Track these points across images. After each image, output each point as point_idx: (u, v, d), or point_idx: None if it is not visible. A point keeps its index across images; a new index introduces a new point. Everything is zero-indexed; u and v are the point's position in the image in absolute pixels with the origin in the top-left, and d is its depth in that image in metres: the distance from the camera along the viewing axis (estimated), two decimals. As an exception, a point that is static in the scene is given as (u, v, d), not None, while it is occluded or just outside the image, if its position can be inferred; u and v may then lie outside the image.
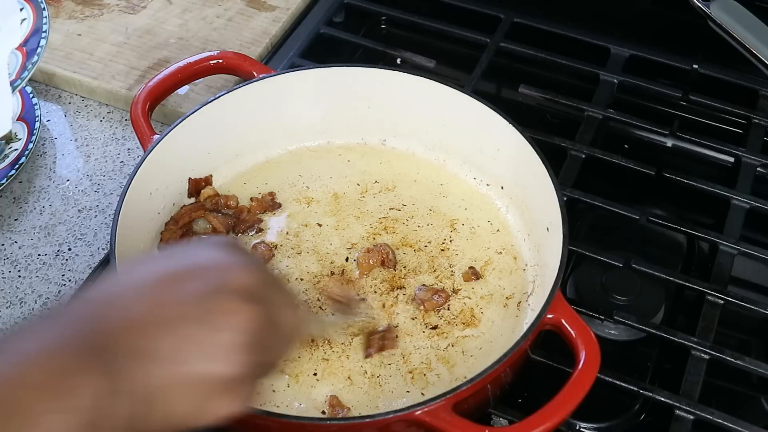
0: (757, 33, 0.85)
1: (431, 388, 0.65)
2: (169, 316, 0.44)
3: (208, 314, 0.44)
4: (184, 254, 0.48)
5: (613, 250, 0.75)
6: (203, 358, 0.43)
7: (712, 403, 0.66)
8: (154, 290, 0.45)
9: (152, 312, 0.44)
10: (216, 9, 1.00)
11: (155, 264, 0.48)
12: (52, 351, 0.40)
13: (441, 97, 0.77)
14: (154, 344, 0.43)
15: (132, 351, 0.42)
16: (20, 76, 0.78)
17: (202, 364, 0.43)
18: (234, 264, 0.47)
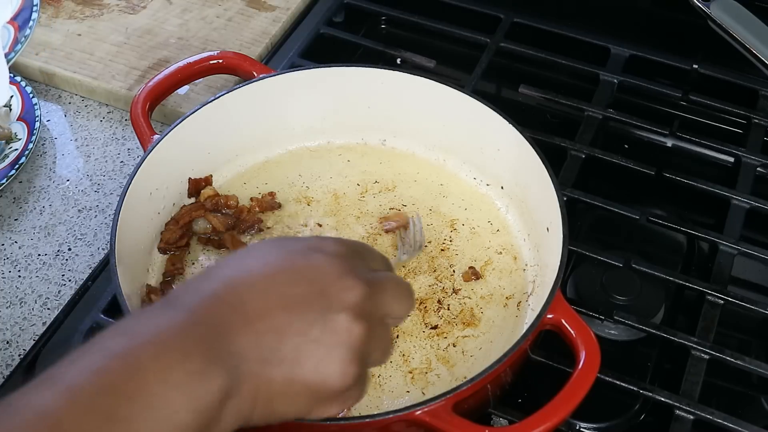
0: (757, 33, 0.85)
1: (431, 388, 0.65)
2: (287, 325, 0.46)
3: (324, 330, 0.46)
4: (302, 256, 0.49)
5: (613, 250, 0.75)
6: (317, 372, 0.46)
7: (712, 403, 0.66)
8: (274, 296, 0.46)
9: (273, 320, 0.45)
10: (216, 9, 1.00)
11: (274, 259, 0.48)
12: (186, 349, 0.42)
13: (441, 97, 0.77)
14: (274, 353, 0.45)
15: (254, 357, 0.44)
16: (14, 49, 0.78)
17: (316, 376, 0.46)
18: (348, 277, 0.48)
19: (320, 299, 0.47)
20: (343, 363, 0.47)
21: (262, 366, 0.45)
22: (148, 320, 0.44)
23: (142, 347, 0.42)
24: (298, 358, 0.45)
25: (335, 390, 0.47)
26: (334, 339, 0.46)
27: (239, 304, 0.45)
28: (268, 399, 0.45)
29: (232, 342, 0.44)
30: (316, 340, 0.46)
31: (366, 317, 0.48)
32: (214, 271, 0.48)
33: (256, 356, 0.44)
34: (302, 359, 0.46)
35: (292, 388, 0.46)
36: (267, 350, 0.45)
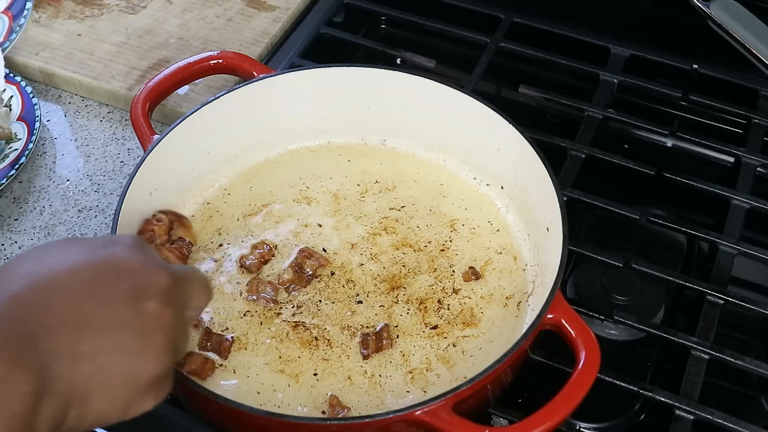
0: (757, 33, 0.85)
1: (431, 388, 0.65)
2: (101, 318, 0.44)
3: (138, 318, 0.45)
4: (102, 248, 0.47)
5: (613, 250, 0.75)
6: (135, 360, 0.45)
7: (712, 403, 0.66)
8: (81, 289, 0.45)
9: (83, 313, 0.44)
10: (216, 9, 1.00)
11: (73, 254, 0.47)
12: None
13: (441, 97, 0.77)
14: (88, 346, 0.44)
15: (67, 353, 0.43)
16: (8, 38, 0.78)
17: (135, 365, 0.45)
18: (152, 266, 0.48)
19: (129, 288, 0.46)
20: (158, 349, 0.46)
21: (75, 363, 0.43)
22: None
23: None
24: (112, 348, 0.44)
25: (151, 379, 0.46)
26: (147, 326, 0.46)
27: (44, 302, 0.44)
28: (84, 398, 0.44)
29: (40, 341, 0.42)
30: (130, 330, 0.45)
31: (172, 305, 0.47)
32: (9, 272, 0.45)
33: (67, 353, 0.43)
34: (117, 349, 0.45)
35: (109, 382, 0.44)
36: (80, 345, 0.43)
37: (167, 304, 0.47)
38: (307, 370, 0.66)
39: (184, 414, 0.64)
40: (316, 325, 0.68)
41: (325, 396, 0.64)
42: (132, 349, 0.45)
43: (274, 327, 0.68)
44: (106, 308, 0.45)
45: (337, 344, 0.67)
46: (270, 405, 0.64)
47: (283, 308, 0.69)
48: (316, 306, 0.70)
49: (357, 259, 0.73)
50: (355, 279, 0.72)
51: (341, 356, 0.67)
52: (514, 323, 0.69)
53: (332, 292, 0.71)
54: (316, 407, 0.64)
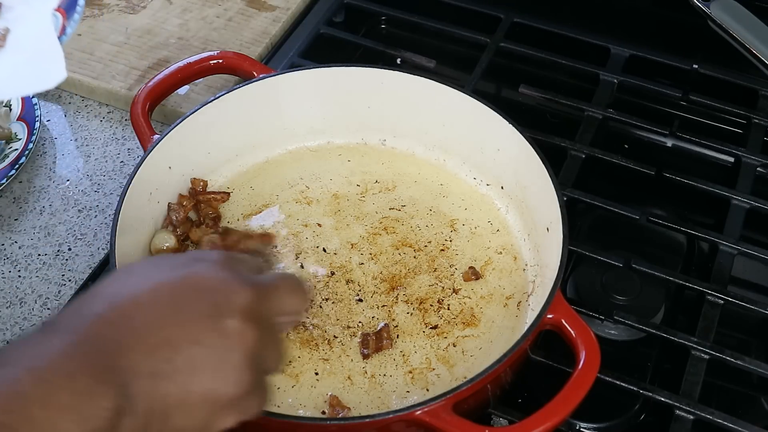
0: (757, 33, 0.85)
1: (431, 388, 0.65)
2: (179, 336, 0.44)
3: (216, 336, 0.45)
4: (184, 267, 0.48)
5: (613, 250, 0.75)
6: (213, 379, 0.45)
7: (712, 403, 0.66)
8: (162, 308, 0.45)
9: (163, 332, 0.44)
10: (216, 9, 1.00)
11: (156, 274, 0.47)
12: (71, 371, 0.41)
13: (441, 97, 0.77)
14: (167, 365, 0.44)
15: (145, 372, 0.43)
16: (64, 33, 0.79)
17: (213, 384, 0.45)
18: (233, 282, 0.47)
19: (208, 307, 0.46)
20: (237, 369, 0.46)
21: (154, 381, 0.43)
22: (28, 347, 0.42)
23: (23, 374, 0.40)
24: (191, 368, 0.44)
25: (231, 397, 0.46)
26: (226, 344, 0.45)
27: (125, 321, 0.44)
28: (164, 414, 0.44)
29: (120, 359, 0.43)
30: (209, 348, 0.45)
31: (256, 320, 0.47)
32: (96, 292, 0.46)
33: (147, 371, 0.43)
34: (196, 369, 0.45)
35: (187, 400, 0.45)
36: (158, 363, 0.44)
37: (249, 320, 0.46)
38: (307, 370, 0.66)
39: (184, 414, 0.64)
40: (316, 325, 0.68)
41: (325, 396, 0.64)
42: (210, 367, 0.45)
43: (274, 327, 0.68)
44: (185, 327, 0.45)
45: (337, 344, 0.67)
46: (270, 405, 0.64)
47: (283, 308, 0.69)
48: (316, 306, 0.70)
49: (357, 259, 0.73)
50: (355, 279, 0.72)
51: (341, 356, 0.67)
52: (514, 323, 0.69)
53: (332, 292, 0.71)
54: (316, 407, 0.64)
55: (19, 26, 0.77)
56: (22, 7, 0.79)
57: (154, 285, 0.46)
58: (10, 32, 0.78)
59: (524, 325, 0.68)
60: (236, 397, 0.46)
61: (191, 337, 0.45)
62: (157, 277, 0.47)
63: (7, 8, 0.81)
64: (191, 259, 0.49)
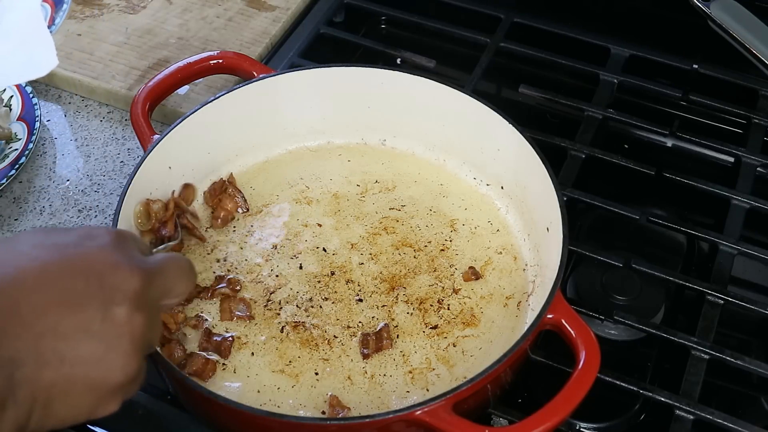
0: (757, 33, 0.85)
1: (431, 388, 0.65)
2: (66, 324, 0.43)
3: (105, 324, 0.44)
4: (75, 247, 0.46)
5: (613, 250, 0.75)
6: (100, 368, 0.44)
7: (712, 403, 0.66)
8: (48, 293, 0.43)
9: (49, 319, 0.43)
10: (216, 9, 1.00)
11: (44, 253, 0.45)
12: None
13: (441, 97, 0.77)
14: (53, 354, 0.43)
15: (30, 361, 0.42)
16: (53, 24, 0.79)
17: (100, 373, 0.44)
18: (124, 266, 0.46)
19: (97, 292, 0.45)
20: (125, 356, 0.45)
21: (39, 369, 0.42)
22: None
23: None
24: (78, 356, 0.43)
25: (117, 384, 0.45)
26: (114, 332, 0.45)
27: (10, 306, 0.42)
28: (47, 403, 0.43)
29: (2, 348, 0.41)
30: (97, 336, 0.44)
31: (144, 306, 0.46)
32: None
33: (33, 360, 0.42)
34: (83, 357, 0.44)
35: (72, 390, 0.44)
36: (45, 352, 0.42)
37: (137, 308, 0.46)
38: (307, 370, 0.66)
39: (184, 414, 0.64)
40: (316, 325, 0.68)
41: (325, 396, 0.64)
42: (96, 357, 0.44)
43: (274, 327, 0.68)
44: (73, 314, 0.44)
45: (337, 344, 0.67)
46: (270, 405, 0.64)
47: (282, 308, 0.69)
48: (316, 306, 0.70)
49: (357, 258, 0.73)
50: (355, 279, 0.72)
51: (341, 356, 0.67)
52: (514, 323, 0.69)
53: (332, 292, 0.71)
54: (316, 407, 0.64)
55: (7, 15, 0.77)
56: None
57: (42, 265, 0.44)
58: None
59: (524, 325, 0.68)
60: (122, 384, 0.46)
61: (78, 325, 0.43)
62: (44, 256, 0.45)
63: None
64: (81, 237, 0.47)
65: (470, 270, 0.72)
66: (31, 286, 0.43)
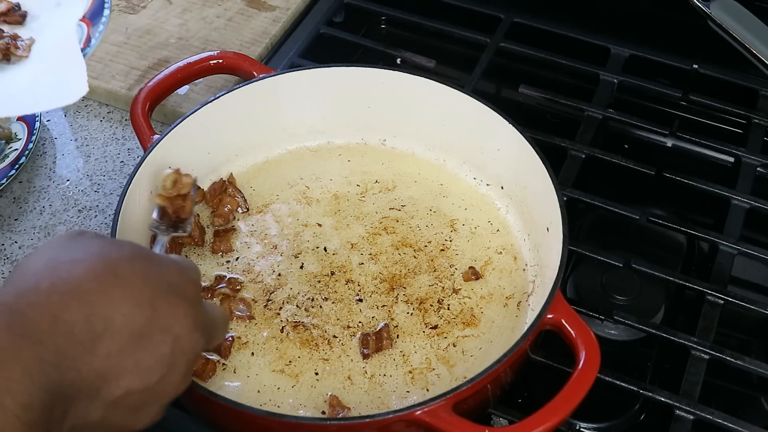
0: (757, 33, 0.85)
1: (431, 388, 0.65)
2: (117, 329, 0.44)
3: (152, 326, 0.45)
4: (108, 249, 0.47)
5: (613, 250, 0.75)
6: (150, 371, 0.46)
7: (712, 403, 0.66)
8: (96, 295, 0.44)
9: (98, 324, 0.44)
10: (216, 9, 1.00)
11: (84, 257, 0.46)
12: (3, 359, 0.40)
13: (441, 97, 0.77)
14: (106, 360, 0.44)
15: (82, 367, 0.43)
16: (88, 45, 0.79)
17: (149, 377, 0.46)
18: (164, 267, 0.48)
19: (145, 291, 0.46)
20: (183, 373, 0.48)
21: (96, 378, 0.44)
22: None
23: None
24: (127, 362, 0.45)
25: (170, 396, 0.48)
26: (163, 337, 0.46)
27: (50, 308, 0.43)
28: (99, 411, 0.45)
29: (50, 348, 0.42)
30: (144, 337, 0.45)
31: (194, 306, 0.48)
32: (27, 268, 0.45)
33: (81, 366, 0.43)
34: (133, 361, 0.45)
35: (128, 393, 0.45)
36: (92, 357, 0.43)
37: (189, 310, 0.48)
38: (307, 370, 0.66)
39: (184, 414, 0.64)
40: (316, 325, 0.68)
41: (325, 396, 0.64)
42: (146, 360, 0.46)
43: (274, 327, 0.68)
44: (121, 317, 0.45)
45: (337, 344, 0.67)
46: (270, 405, 0.64)
47: (282, 308, 0.69)
48: (316, 306, 0.70)
49: (357, 258, 0.73)
50: (355, 279, 0.72)
51: (341, 356, 0.67)
52: (514, 323, 0.69)
53: (332, 292, 0.71)
54: (316, 407, 0.64)
55: (43, 36, 0.77)
56: (47, 15, 0.79)
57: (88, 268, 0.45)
58: (35, 42, 0.78)
59: (524, 325, 0.68)
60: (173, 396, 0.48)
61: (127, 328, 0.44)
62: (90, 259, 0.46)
63: (32, 17, 0.81)
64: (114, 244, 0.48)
65: (470, 270, 0.72)
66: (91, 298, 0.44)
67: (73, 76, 0.74)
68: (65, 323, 0.43)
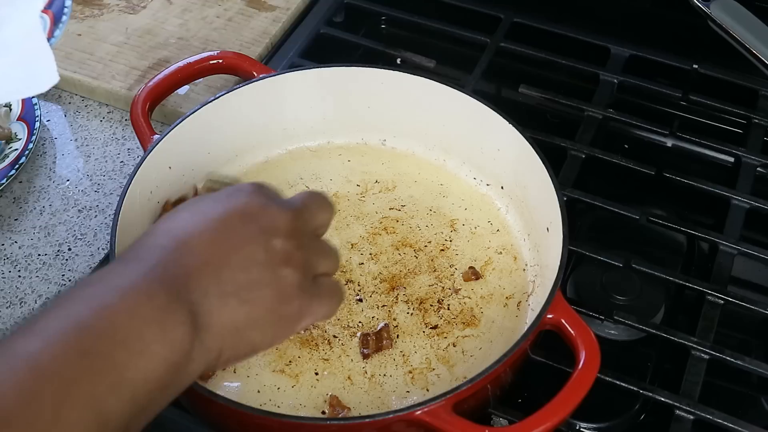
0: (757, 33, 0.85)
1: (431, 388, 0.65)
2: (237, 258, 0.49)
3: (267, 254, 0.50)
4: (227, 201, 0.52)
5: (613, 250, 0.75)
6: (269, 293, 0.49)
7: (712, 403, 0.66)
8: (217, 236, 0.49)
9: (220, 256, 0.48)
10: (216, 9, 1.00)
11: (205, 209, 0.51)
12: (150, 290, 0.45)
13: (441, 97, 0.77)
14: (231, 284, 0.48)
15: (213, 292, 0.47)
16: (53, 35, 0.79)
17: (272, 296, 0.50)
18: (273, 208, 0.52)
19: (255, 230, 0.50)
20: (287, 282, 0.50)
21: (222, 299, 0.47)
22: (108, 273, 0.47)
23: (108, 291, 0.45)
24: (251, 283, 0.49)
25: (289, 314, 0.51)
26: (276, 260, 0.50)
27: (187, 249, 0.48)
28: (236, 331, 0.48)
29: (189, 281, 0.47)
30: (262, 265, 0.49)
31: (298, 237, 0.52)
32: (156, 229, 0.50)
33: (214, 291, 0.47)
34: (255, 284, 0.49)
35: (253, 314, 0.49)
36: (223, 283, 0.48)
37: (291, 238, 0.51)
38: (307, 370, 0.66)
39: (184, 414, 0.64)
40: (316, 325, 0.68)
41: (325, 396, 0.64)
42: (266, 282, 0.49)
43: (274, 327, 0.68)
44: (239, 249, 0.49)
45: (337, 344, 0.67)
46: (270, 405, 0.64)
47: (283, 308, 0.69)
48: (316, 306, 0.70)
49: (357, 258, 0.73)
50: (355, 279, 0.72)
51: (341, 356, 0.67)
52: (514, 323, 0.69)
53: (332, 292, 0.71)
54: (316, 407, 0.64)
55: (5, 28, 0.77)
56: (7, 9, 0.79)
57: (204, 217, 0.50)
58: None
59: (524, 325, 0.68)
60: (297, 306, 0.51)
61: (246, 257, 0.49)
62: (205, 211, 0.51)
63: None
64: (230, 192, 0.53)
65: (470, 270, 0.72)
66: (200, 232, 0.49)
67: (41, 65, 0.74)
68: None
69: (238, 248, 0.49)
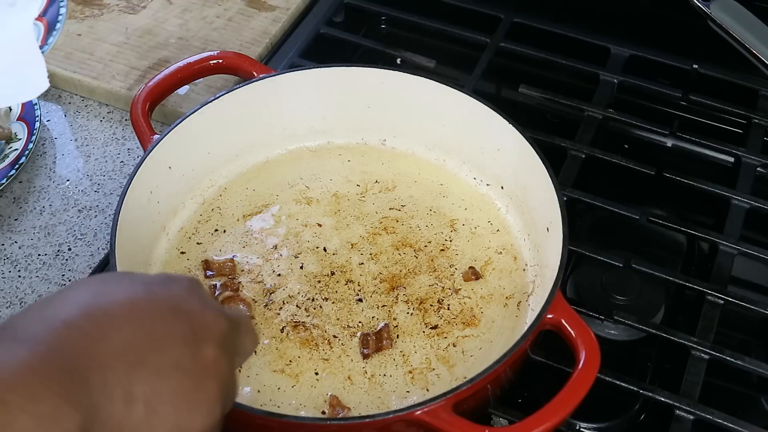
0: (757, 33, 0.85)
1: (431, 388, 0.65)
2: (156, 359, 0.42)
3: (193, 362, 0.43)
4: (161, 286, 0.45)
5: (613, 250, 0.75)
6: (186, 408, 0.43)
7: (712, 403, 0.66)
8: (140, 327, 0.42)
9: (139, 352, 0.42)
10: (216, 9, 1.00)
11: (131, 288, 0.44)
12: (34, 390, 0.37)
13: (441, 97, 0.77)
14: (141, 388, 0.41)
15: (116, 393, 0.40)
16: (46, 42, 0.79)
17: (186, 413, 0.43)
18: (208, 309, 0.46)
19: (187, 331, 0.44)
20: (210, 398, 0.44)
21: (128, 404, 0.40)
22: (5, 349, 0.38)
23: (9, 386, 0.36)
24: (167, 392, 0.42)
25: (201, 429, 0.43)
26: (203, 371, 0.43)
27: (99, 334, 0.40)
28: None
29: (93, 376, 0.39)
30: (186, 373, 0.43)
31: (228, 351, 0.46)
32: (65, 297, 0.42)
33: (121, 392, 0.40)
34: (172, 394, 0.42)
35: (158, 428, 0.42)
36: (134, 385, 0.40)
37: (223, 350, 0.45)
38: (307, 370, 0.66)
39: (184, 414, 0.64)
40: (316, 325, 0.68)
41: (325, 396, 0.64)
42: (186, 395, 0.43)
43: (274, 327, 0.68)
44: (164, 349, 0.42)
45: (337, 344, 0.67)
46: (270, 405, 0.64)
47: (283, 308, 0.69)
48: (316, 306, 0.70)
49: (357, 258, 0.73)
50: (355, 279, 0.72)
51: (341, 356, 0.67)
52: (514, 323, 0.69)
53: (332, 292, 0.71)
54: (316, 407, 0.64)
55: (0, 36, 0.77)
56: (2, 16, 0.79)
57: (130, 300, 0.43)
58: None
59: (524, 325, 0.68)
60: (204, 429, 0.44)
61: (170, 360, 0.42)
62: (132, 291, 0.44)
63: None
64: (165, 280, 0.46)
65: (470, 270, 0.72)
66: (122, 318, 0.42)
67: (32, 72, 0.75)
68: None
69: (163, 348, 0.42)
